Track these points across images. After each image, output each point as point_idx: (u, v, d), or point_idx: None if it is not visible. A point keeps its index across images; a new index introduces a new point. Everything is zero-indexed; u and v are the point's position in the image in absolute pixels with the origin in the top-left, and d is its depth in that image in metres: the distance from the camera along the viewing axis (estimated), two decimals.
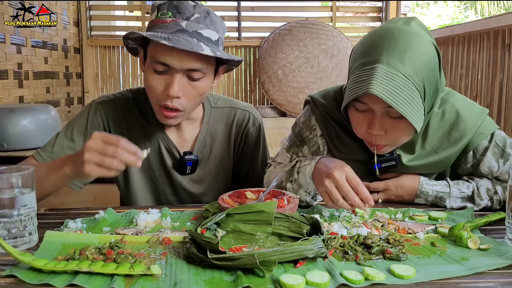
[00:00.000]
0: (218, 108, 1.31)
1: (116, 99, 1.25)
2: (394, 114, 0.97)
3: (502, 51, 2.50)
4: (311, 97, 1.20)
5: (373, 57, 0.95)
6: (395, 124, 0.98)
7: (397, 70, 0.92)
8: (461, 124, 1.08)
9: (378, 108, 0.97)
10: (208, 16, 1.10)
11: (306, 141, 1.20)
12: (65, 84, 3.93)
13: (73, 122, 1.23)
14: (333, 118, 1.15)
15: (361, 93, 0.92)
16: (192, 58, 1.06)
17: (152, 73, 1.09)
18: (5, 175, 0.84)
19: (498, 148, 1.09)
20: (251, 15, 4.64)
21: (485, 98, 2.68)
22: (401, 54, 0.93)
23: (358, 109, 1.01)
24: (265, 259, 0.72)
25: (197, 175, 1.29)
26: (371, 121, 0.99)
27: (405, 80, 0.92)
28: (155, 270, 0.72)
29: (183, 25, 1.06)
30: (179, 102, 1.10)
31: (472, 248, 0.83)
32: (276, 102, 4.31)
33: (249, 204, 0.92)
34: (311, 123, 1.19)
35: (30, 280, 0.70)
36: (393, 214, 1.05)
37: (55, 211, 1.08)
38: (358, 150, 1.13)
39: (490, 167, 1.10)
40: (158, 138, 1.24)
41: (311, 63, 4.24)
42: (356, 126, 1.04)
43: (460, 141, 1.08)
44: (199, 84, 1.11)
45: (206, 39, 1.08)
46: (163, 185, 1.29)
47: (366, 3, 5.19)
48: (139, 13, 4.50)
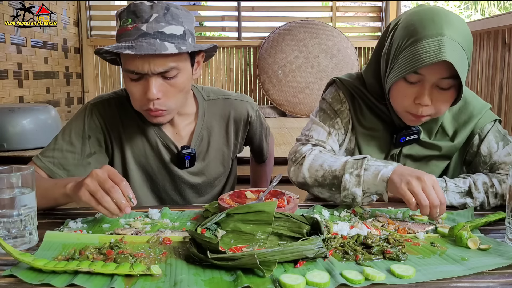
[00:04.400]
0: (212, 101, 1.31)
1: (111, 99, 1.25)
2: (444, 85, 1.04)
3: (502, 51, 2.50)
4: (336, 77, 1.26)
5: (435, 31, 1.00)
6: (441, 95, 1.05)
7: (458, 43, 1.00)
8: (469, 108, 1.16)
9: (432, 78, 1.03)
10: (168, 12, 1.07)
11: (338, 113, 1.22)
12: (65, 84, 3.93)
13: (70, 125, 1.22)
14: (358, 94, 1.21)
15: (435, 61, 0.98)
16: (160, 59, 1.05)
17: (129, 82, 1.10)
18: (5, 175, 0.84)
19: (500, 133, 1.17)
20: (251, 15, 4.64)
21: (485, 98, 2.68)
22: (458, 30, 1.01)
23: (410, 80, 1.05)
24: (265, 259, 0.72)
25: (196, 168, 1.29)
26: (420, 92, 1.05)
27: (463, 52, 1.00)
28: (155, 270, 0.72)
29: (144, 29, 1.04)
30: (161, 103, 1.10)
31: (472, 248, 0.83)
32: (276, 102, 4.31)
33: (249, 204, 0.93)
34: (340, 97, 1.23)
35: (30, 280, 0.70)
36: (393, 214, 1.05)
37: (55, 211, 1.08)
38: (380, 126, 1.19)
39: (489, 147, 1.15)
40: (154, 135, 1.24)
41: (311, 63, 4.24)
42: (402, 98, 1.08)
43: (468, 123, 1.16)
44: (176, 81, 1.10)
45: (170, 36, 1.06)
46: (162, 181, 1.29)
47: (366, 3, 5.19)
48: None
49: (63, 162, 1.18)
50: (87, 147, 1.20)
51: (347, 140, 1.22)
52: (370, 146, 1.20)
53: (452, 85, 1.04)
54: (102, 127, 1.23)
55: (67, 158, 1.18)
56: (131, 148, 1.24)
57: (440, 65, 1.00)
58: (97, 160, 1.22)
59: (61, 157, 1.17)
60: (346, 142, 1.22)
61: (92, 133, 1.21)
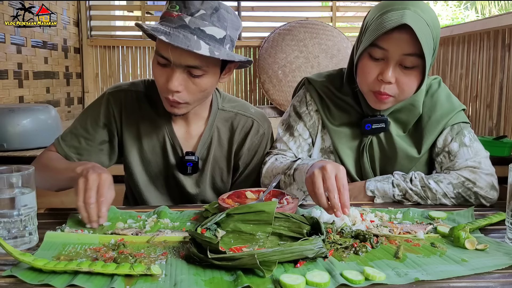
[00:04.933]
0: (224, 112, 1.28)
1: (128, 91, 1.25)
2: (408, 64, 1.07)
3: (502, 51, 2.50)
4: (306, 77, 1.30)
5: (402, 6, 1.05)
6: (405, 74, 1.08)
7: (422, 17, 1.03)
8: (438, 110, 1.19)
9: (395, 54, 1.06)
10: (216, 13, 1.07)
11: (302, 116, 1.27)
12: (65, 84, 3.93)
13: (87, 111, 1.25)
14: (326, 93, 1.25)
15: (395, 25, 1.01)
16: (189, 55, 1.04)
17: (156, 65, 1.11)
18: (5, 175, 0.84)
19: (459, 130, 1.18)
20: (251, 15, 4.64)
21: (485, 98, 2.68)
22: (424, 9, 1.06)
23: (374, 56, 1.08)
24: (265, 259, 0.72)
25: (196, 176, 1.28)
26: (384, 69, 1.08)
27: (427, 27, 1.04)
28: (155, 270, 0.72)
29: (186, 21, 1.04)
30: (180, 96, 1.10)
31: (469, 248, 0.83)
32: (276, 102, 4.31)
33: (249, 204, 0.93)
34: (306, 99, 1.28)
35: (30, 280, 0.70)
36: (393, 214, 1.05)
37: (55, 211, 1.08)
38: (349, 121, 1.23)
39: (444, 140, 1.19)
40: (164, 132, 1.24)
41: (311, 63, 4.24)
42: (367, 74, 1.10)
43: (438, 124, 1.18)
44: (200, 81, 1.09)
45: (209, 37, 1.05)
46: (164, 180, 1.29)
47: (366, 3, 5.19)
48: (139, 13, 4.49)
49: (77, 146, 1.22)
50: (100, 134, 1.23)
51: (319, 140, 1.27)
52: (342, 141, 1.23)
53: (416, 65, 1.07)
54: (116, 117, 1.24)
55: (81, 143, 1.22)
56: (139, 142, 1.25)
57: (403, 38, 1.03)
58: (109, 148, 1.25)
59: (76, 141, 1.22)
60: (319, 142, 1.27)
61: (107, 121, 1.24)
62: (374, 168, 1.24)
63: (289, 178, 1.13)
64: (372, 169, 1.24)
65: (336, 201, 0.91)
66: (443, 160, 1.19)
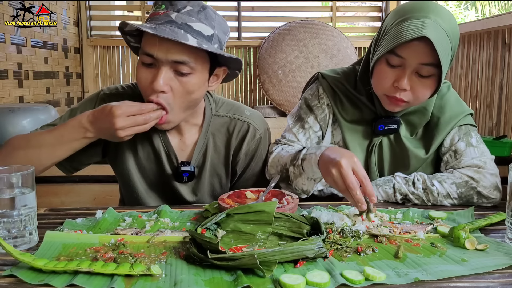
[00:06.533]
0: (219, 117, 1.24)
1: (125, 94, 1.21)
2: (424, 73, 1.06)
3: (502, 51, 2.50)
4: (320, 72, 1.30)
5: (421, 14, 1.04)
6: (420, 82, 1.08)
7: (441, 27, 1.02)
8: (448, 112, 1.19)
9: (412, 63, 1.05)
10: (203, 11, 1.05)
11: (313, 109, 1.26)
12: (65, 84, 3.92)
13: (78, 108, 1.20)
14: (340, 88, 1.25)
15: (415, 36, 1.00)
16: (177, 49, 1.02)
17: (141, 66, 1.07)
18: (5, 175, 0.84)
19: (467, 131, 1.19)
20: (251, 15, 4.64)
21: (485, 98, 2.68)
22: (444, 18, 1.05)
23: (391, 63, 1.08)
24: (265, 259, 0.72)
25: (193, 184, 1.26)
26: (400, 76, 1.07)
27: (446, 38, 1.03)
28: (155, 270, 0.72)
29: (173, 17, 1.03)
30: (164, 98, 1.05)
31: (469, 248, 0.83)
32: (276, 102, 4.30)
33: (249, 204, 0.92)
34: (318, 93, 1.27)
35: (30, 280, 0.70)
36: (393, 214, 1.05)
37: (55, 211, 1.08)
38: (362, 118, 1.23)
39: (452, 139, 1.19)
40: (158, 140, 1.21)
41: (311, 63, 4.24)
42: (382, 80, 1.10)
43: (447, 125, 1.18)
44: (187, 80, 1.05)
45: (196, 32, 1.03)
46: (161, 188, 1.26)
47: (366, 3, 5.18)
48: (139, 13, 4.49)
49: None
50: None
51: (329, 135, 1.26)
52: (353, 137, 1.23)
53: (433, 74, 1.07)
54: None
55: None
56: (134, 149, 1.22)
57: (421, 48, 1.03)
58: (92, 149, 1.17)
59: None
60: (328, 136, 1.27)
61: None
62: (382, 169, 1.23)
63: (298, 168, 1.12)
64: (379, 170, 1.23)
65: (360, 196, 0.91)
66: (449, 159, 1.19)
